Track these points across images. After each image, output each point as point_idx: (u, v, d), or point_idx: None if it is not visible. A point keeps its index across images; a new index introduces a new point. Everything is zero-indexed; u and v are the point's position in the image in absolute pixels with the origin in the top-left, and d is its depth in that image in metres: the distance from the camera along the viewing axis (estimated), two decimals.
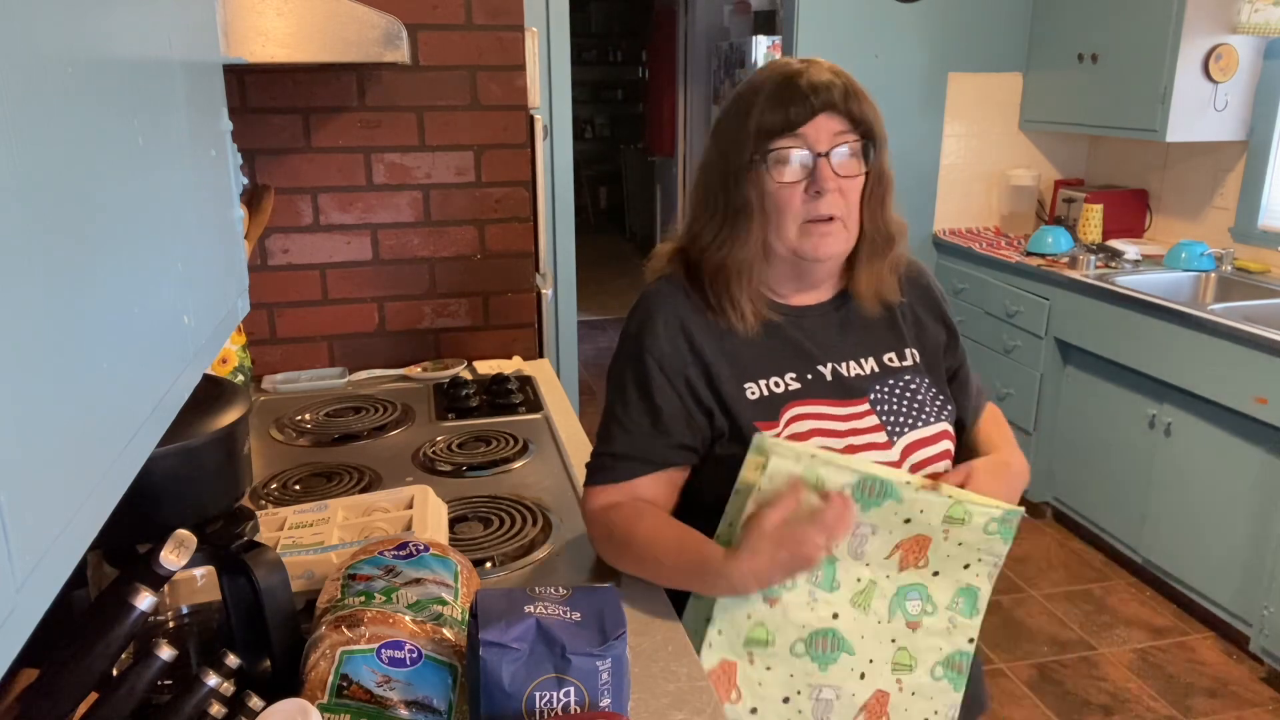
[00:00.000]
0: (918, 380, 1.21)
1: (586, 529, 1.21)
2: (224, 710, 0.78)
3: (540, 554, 1.29)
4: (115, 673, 0.76)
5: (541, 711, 0.82)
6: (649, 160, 7.48)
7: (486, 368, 2.12)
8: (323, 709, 0.82)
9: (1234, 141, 3.27)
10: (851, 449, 1.13)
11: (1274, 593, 2.52)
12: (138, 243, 0.62)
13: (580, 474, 1.55)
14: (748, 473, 1.08)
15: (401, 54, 1.55)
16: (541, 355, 2.25)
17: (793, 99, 1.08)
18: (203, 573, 0.99)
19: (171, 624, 0.99)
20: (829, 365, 1.18)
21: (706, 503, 1.14)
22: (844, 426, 1.15)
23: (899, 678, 1.12)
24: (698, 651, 1.08)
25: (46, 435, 0.46)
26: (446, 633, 0.92)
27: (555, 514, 1.40)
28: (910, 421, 1.17)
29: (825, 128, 1.09)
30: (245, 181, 1.96)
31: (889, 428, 1.16)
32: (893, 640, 1.11)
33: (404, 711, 0.84)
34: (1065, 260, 3.37)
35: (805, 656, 1.09)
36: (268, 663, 0.93)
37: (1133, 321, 2.94)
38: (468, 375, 2.05)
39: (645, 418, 1.14)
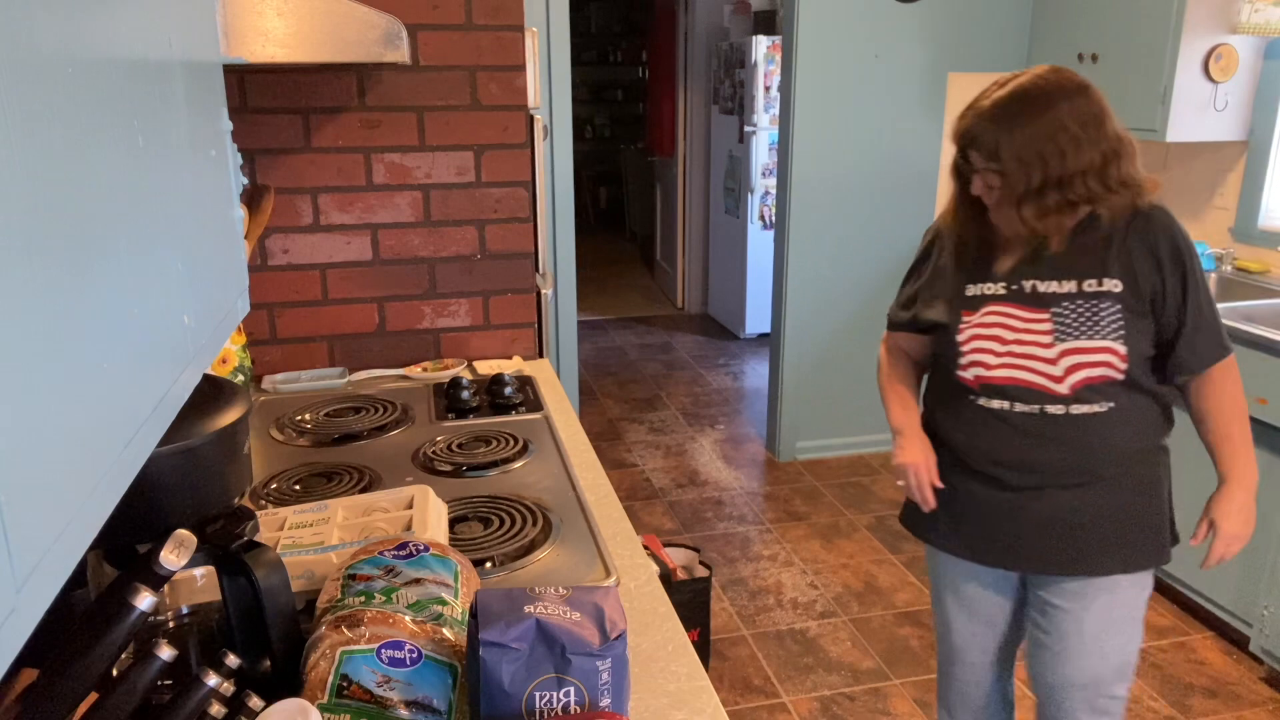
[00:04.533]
0: (1109, 305, 1.45)
1: None
2: (224, 710, 0.78)
3: (540, 554, 1.29)
4: (115, 673, 0.76)
5: (541, 711, 0.82)
6: (649, 160, 7.47)
7: (486, 368, 2.12)
8: (323, 709, 0.82)
9: (1234, 141, 3.27)
10: (1019, 342, 1.48)
11: (1274, 593, 2.52)
12: (138, 243, 0.62)
13: (581, 474, 1.56)
14: None
15: (401, 54, 1.55)
16: (541, 355, 2.25)
17: None
18: (203, 573, 0.99)
19: (171, 624, 0.99)
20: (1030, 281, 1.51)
21: None
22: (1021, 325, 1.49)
23: None
24: None
25: (46, 435, 0.46)
26: (446, 633, 0.92)
27: (555, 514, 1.40)
28: (1077, 333, 1.45)
29: None
30: (245, 181, 1.96)
31: (1056, 334, 1.46)
32: None
33: (404, 711, 0.84)
34: None
35: None
36: (268, 663, 0.93)
37: None
38: (468, 375, 2.06)
39: None
